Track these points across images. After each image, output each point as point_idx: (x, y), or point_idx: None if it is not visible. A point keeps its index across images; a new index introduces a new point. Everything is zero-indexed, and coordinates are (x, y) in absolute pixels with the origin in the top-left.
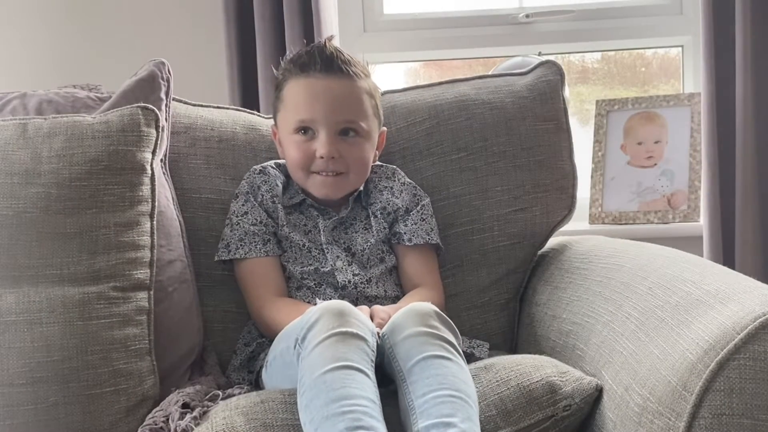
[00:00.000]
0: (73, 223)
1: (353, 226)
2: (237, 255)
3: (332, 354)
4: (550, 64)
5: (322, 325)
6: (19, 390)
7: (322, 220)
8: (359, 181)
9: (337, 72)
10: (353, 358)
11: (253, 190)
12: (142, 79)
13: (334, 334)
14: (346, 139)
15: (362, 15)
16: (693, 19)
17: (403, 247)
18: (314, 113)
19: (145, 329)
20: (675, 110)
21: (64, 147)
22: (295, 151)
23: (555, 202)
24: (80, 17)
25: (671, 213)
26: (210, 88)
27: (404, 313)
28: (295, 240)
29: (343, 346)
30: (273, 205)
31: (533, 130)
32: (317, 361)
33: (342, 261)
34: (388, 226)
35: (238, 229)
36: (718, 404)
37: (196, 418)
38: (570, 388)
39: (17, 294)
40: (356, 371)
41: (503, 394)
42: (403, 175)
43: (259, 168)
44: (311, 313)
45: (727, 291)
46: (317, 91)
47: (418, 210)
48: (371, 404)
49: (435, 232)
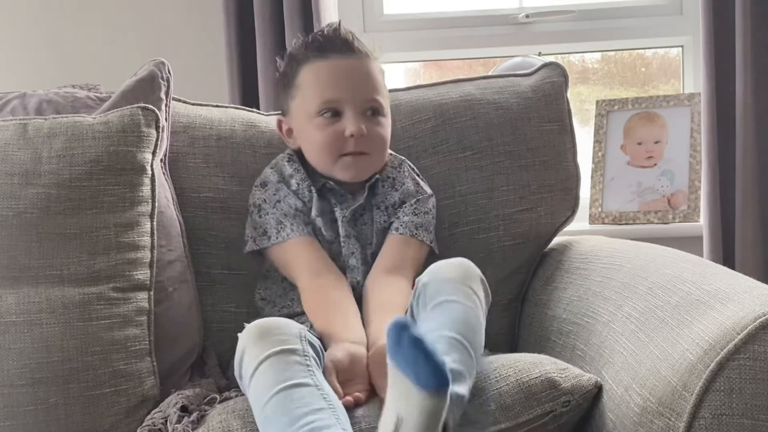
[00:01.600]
0: (73, 224)
1: (363, 216)
2: (279, 238)
3: (265, 382)
4: (554, 65)
5: (249, 356)
6: (19, 391)
7: (339, 209)
8: (380, 162)
9: (357, 52)
10: (286, 377)
11: (284, 179)
12: (142, 79)
13: (260, 361)
14: (371, 119)
15: (362, 15)
16: (693, 19)
17: (389, 235)
18: (340, 93)
19: (145, 330)
20: (675, 110)
21: (64, 147)
22: (319, 134)
23: (559, 203)
24: (80, 17)
25: (671, 213)
26: (210, 87)
27: (448, 263)
28: (323, 233)
29: (273, 370)
30: (309, 194)
31: (538, 130)
32: (256, 395)
33: (356, 258)
34: (387, 220)
35: (273, 215)
36: (718, 404)
37: (193, 422)
38: (569, 384)
39: (17, 295)
40: (293, 388)
41: (502, 389)
42: (411, 167)
43: (287, 156)
44: (239, 345)
45: (727, 291)
46: (341, 71)
47: (412, 203)
48: (317, 414)
49: (424, 229)
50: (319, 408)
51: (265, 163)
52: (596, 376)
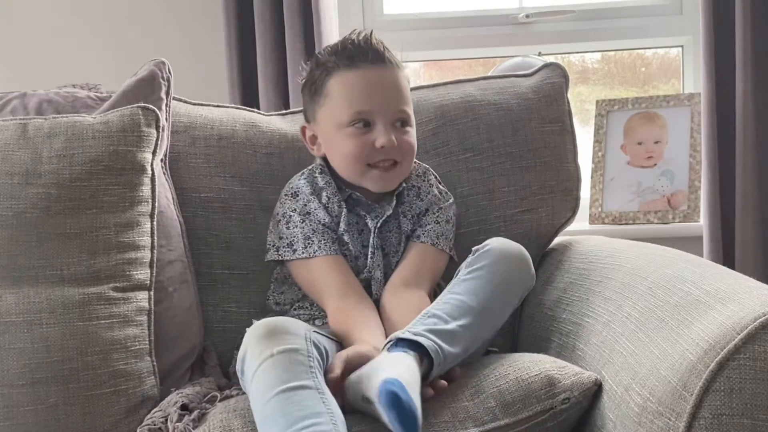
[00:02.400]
0: (73, 224)
1: (388, 224)
2: (305, 254)
3: (266, 382)
4: (555, 66)
5: (252, 353)
6: (19, 391)
7: (370, 219)
8: (408, 171)
9: (387, 63)
10: (288, 378)
11: (315, 190)
12: (142, 79)
13: (263, 360)
14: (400, 129)
15: (362, 15)
16: (693, 19)
17: (411, 243)
18: (372, 104)
19: (145, 330)
20: (675, 110)
21: (65, 147)
22: (350, 145)
23: (560, 204)
24: (80, 17)
25: (671, 213)
26: (210, 87)
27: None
28: (349, 248)
29: (275, 369)
30: (339, 209)
31: (539, 131)
32: (256, 394)
33: (380, 271)
34: (413, 229)
35: (303, 228)
36: (718, 404)
37: (194, 421)
38: (569, 381)
39: (17, 295)
40: (294, 390)
41: (502, 386)
42: (435, 175)
43: (319, 167)
44: (244, 341)
45: (727, 291)
46: (372, 82)
47: (434, 212)
48: (315, 418)
49: (444, 238)
50: (318, 412)
51: (266, 163)
52: (596, 374)
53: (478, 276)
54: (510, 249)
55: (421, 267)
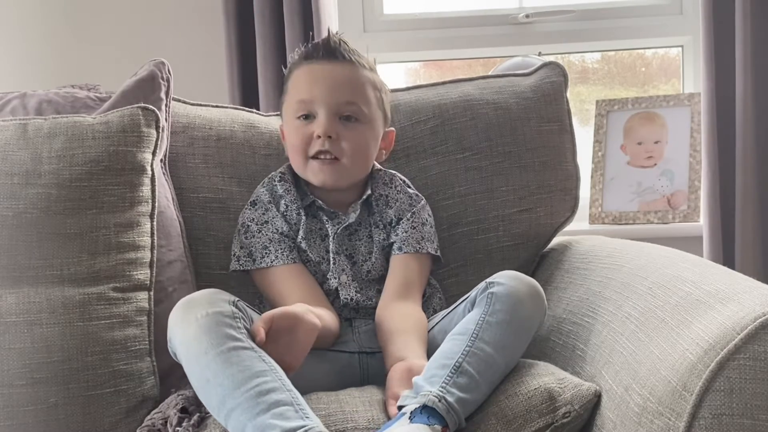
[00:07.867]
0: (74, 224)
1: (357, 233)
2: (263, 264)
3: (198, 347)
4: (554, 65)
5: (178, 327)
6: (19, 391)
7: (330, 225)
8: (357, 171)
9: (339, 58)
10: (219, 341)
11: (274, 199)
12: (142, 79)
13: (190, 324)
14: (345, 124)
15: (362, 15)
16: (693, 19)
17: (394, 255)
18: (313, 94)
19: (145, 330)
20: (675, 110)
21: (65, 147)
22: (293, 136)
23: (559, 204)
24: (80, 17)
25: (671, 213)
26: (210, 88)
27: (511, 275)
28: (308, 255)
29: (203, 333)
30: (297, 216)
31: (537, 131)
32: (190, 359)
33: (347, 275)
34: (386, 238)
35: (260, 237)
36: (718, 404)
37: (194, 426)
38: (569, 394)
39: (17, 295)
40: (231, 351)
41: (502, 403)
42: (402, 180)
43: (278, 175)
44: (169, 321)
45: (727, 291)
46: (317, 74)
47: (408, 218)
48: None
49: (427, 240)
50: (262, 370)
51: (265, 164)
52: (596, 378)
53: (502, 320)
54: (528, 290)
55: (409, 277)
